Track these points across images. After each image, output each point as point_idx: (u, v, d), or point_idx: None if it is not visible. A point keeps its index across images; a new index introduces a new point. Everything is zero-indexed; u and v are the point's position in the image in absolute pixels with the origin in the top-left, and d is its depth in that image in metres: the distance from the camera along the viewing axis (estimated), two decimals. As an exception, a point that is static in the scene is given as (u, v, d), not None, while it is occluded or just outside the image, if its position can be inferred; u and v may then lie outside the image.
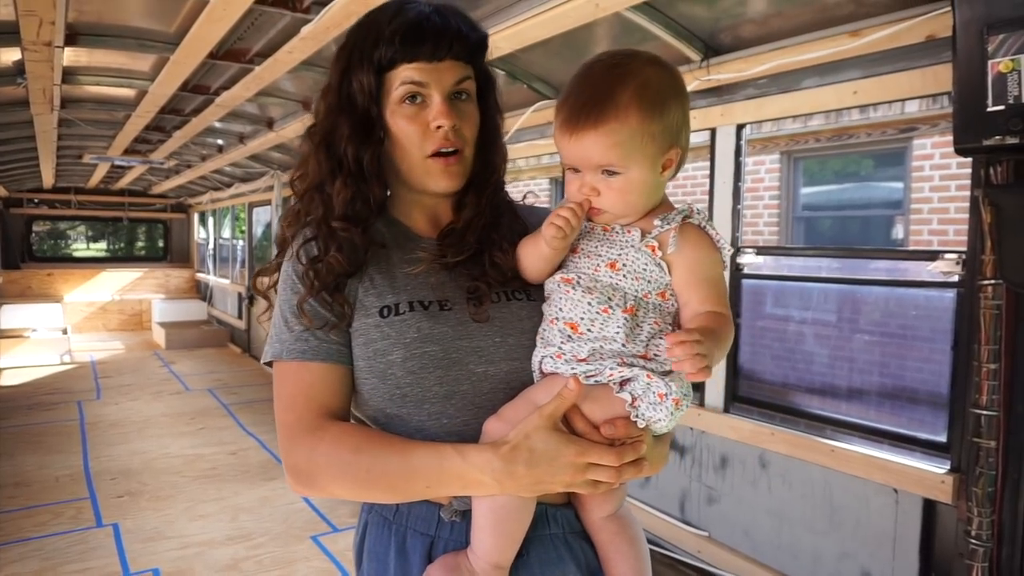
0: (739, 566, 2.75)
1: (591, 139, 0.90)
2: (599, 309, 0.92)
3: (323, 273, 0.98)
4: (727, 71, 2.67)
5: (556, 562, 0.98)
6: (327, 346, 0.98)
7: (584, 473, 0.88)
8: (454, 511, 0.96)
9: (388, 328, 0.97)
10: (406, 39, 0.97)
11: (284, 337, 1.00)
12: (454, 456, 0.90)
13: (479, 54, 1.04)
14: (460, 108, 1.00)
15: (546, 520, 0.99)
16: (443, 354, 0.97)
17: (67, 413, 5.82)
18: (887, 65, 2.27)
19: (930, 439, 2.27)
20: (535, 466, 0.87)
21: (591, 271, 0.95)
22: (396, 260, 1.03)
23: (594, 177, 0.93)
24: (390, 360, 0.97)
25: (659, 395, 0.90)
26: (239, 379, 7.29)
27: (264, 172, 7.22)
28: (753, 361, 3.13)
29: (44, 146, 5.85)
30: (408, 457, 0.92)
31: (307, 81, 4.00)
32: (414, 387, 0.96)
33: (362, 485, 0.94)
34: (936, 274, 2.17)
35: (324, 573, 3.07)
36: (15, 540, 3.36)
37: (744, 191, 2.83)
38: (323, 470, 0.94)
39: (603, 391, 0.91)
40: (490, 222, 1.06)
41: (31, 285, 10.34)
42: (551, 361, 0.95)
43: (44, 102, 3.94)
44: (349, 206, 1.00)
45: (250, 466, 4.49)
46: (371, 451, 0.92)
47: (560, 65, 3.18)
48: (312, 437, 0.95)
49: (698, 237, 0.95)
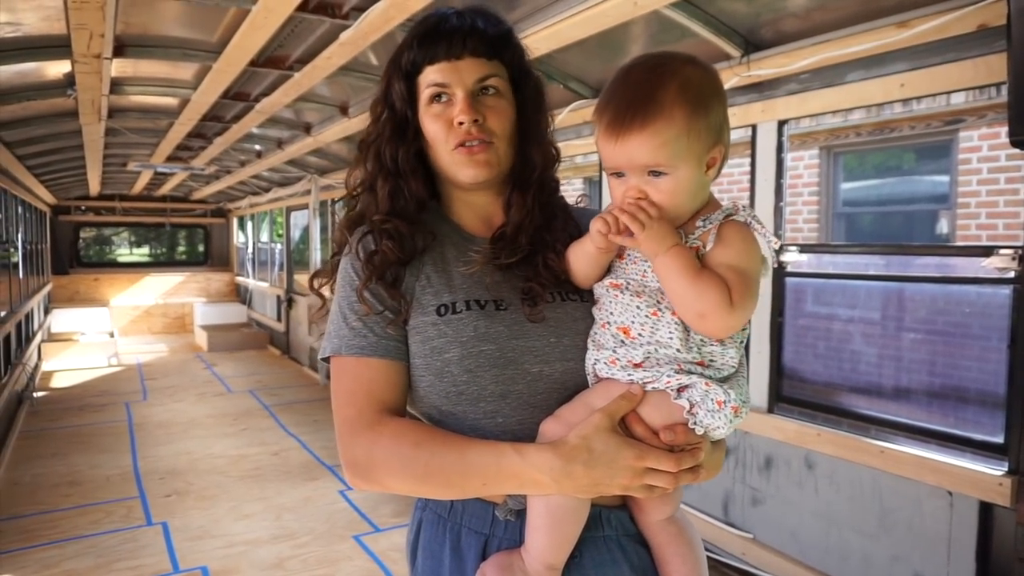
0: (785, 569, 2.71)
1: (637, 141, 0.89)
2: (648, 312, 0.92)
3: (379, 264, 1.01)
4: (768, 66, 2.63)
5: (610, 564, 0.98)
6: (385, 342, 1.00)
7: (642, 477, 0.89)
8: (509, 510, 0.97)
9: (445, 326, 0.99)
10: (423, 42, 1.02)
11: (343, 333, 1.02)
12: (512, 454, 0.90)
13: (503, 49, 1.04)
14: (486, 103, 1.02)
15: (600, 522, 0.98)
16: (499, 353, 0.98)
17: (115, 414, 5.99)
18: (936, 56, 2.21)
19: (986, 440, 2.20)
20: (594, 467, 0.87)
21: (639, 276, 0.96)
22: (451, 259, 1.05)
23: (640, 179, 0.91)
24: (447, 358, 0.98)
25: (718, 402, 0.89)
26: (279, 381, 7.42)
27: (301, 176, 7.33)
28: (797, 360, 3.07)
29: (91, 155, 6.03)
30: (466, 454, 0.93)
31: (344, 86, 4.06)
32: (470, 385, 0.98)
33: (420, 480, 0.95)
34: (991, 270, 2.10)
35: (367, 572, 3.11)
36: (72, 537, 3.47)
37: (786, 188, 2.78)
38: (382, 464, 0.96)
39: (661, 397, 0.91)
40: (541, 224, 1.07)
41: (79, 290, 10.67)
42: (606, 367, 0.96)
43: (92, 112, 4.06)
44: (391, 202, 1.05)
45: (292, 466, 4.57)
46: (430, 447, 0.94)
47: (596, 64, 3.17)
48: (372, 432, 0.96)
49: (736, 231, 0.92)
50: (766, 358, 2.80)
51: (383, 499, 3.91)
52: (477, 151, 1.01)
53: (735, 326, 0.91)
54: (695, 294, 0.88)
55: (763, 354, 2.81)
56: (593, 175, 3.62)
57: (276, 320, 9.32)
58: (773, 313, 2.78)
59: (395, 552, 3.28)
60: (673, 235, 0.90)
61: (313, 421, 5.68)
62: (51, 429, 5.51)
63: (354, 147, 6.07)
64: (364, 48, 2.98)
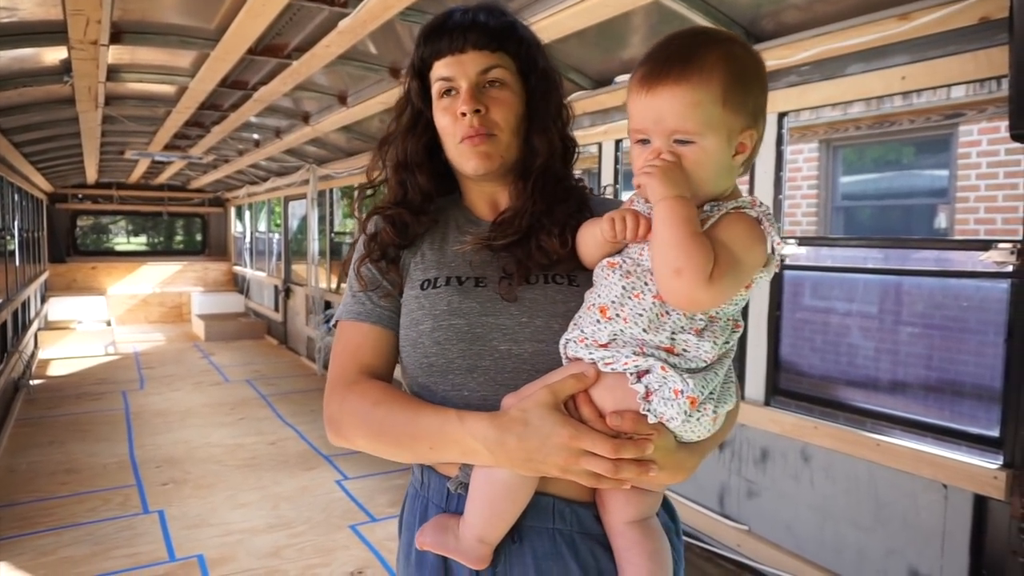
0: (780, 560, 2.72)
1: (669, 96, 0.84)
2: (631, 293, 0.89)
3: (379, 244, 1.10)
4: (769, 58, 2.60)
5: (553, 557, 0.95)
6: (378, 310, 1.08)
7: (578, 460, 0.86)
8: (459, 483, 0.98)
9: (424, 300, 1.05)
10: (430, 37, 1.06)
11: (347, 301, 1.11)
12: (455, 420, 0.92)
13: (506, 40, 1.05)
14: (490, 95, 1.04)
15: (552, 513, 0.96)
16: (467, 328, 1.01)
17: (113, 402, 5.99)
18: (937, 49, 2.20)
19: (982, 434, 2.21)
20: (526, 440, 0.87)
21: (636, 255, 0.93)
22: (450, 239, 1.11)
23: (665, 144, 0.86)
24: (421, 329, 1.04)
25: (675, 391, 0.85)
26: (277, 370, 7.41)
27: (300, 166, 7.31)
28: (795, 353, 3.08)
29: (88, 142, 6.00)
30: (416, 416, 0.96)
31: (343, 75, 4.03)
32: (439, 357, 1.01)
33: (376, 438, 1.00)
34: (989, 264, 2.10)
35: (363, 562, 3.12)
36: (68, 525, 3.47)
37: (785, 181, 2.78)
38: (347, 419, 1.01)
39: (617, 380, 0.88)
40: (543, 208, 1.07)
41: (76, 278, 10.65)
42: (574, 345, 0.93)
43: (89, 99, 4.04)
44: (400, 192, 1.12)
45: (289, 456, 4.57)
46: (387, 406, 0.99)
47: (596, 55, 3.15)
48: (345, 389, 1.03)
49: (742, 221, 0.88)
50: (763, 351, 2.81)
51: (379, 489, 3.92)
52: (479, 143, 1.03)
53: (703, 301, 0.85)
54: (681, 248, 0.82)
55: (760, 347, 2.81)
56: (592, 167, 3.61)
57: (273, 310, 9.32)
58: (771, 306, 2.78)
59: (391, 542, 3.28)
60: (686, 185, 0.85)
61: (310, 411, 5.68)
62: (48, 417, 5.50)
63: (353, 136, 6.07)
64: (363, 36, 2.97)
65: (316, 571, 3.03)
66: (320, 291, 7.32)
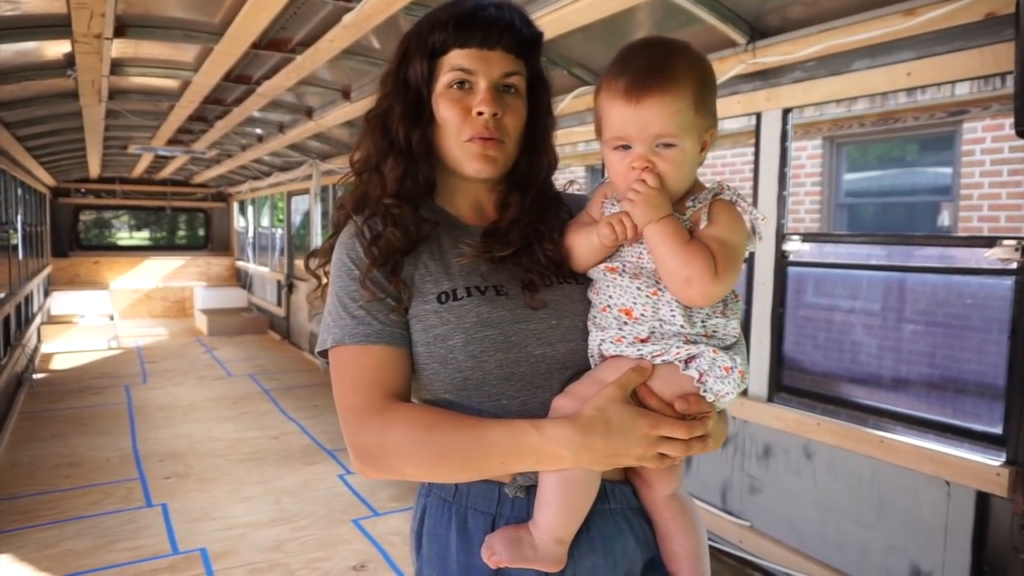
0: (782, 557, 2.72)
1: (656, 106, 0.91)
2: (648, 292, 0.95)
3: (382, 250, 1.00)
4: (774, 54, 2.61)
5: (616, 536, 1.00)
6: (390, 329, 1.00)
7: (656, 446, 0.91)
8: (519, 487, 0.98)
9: (447, 314, 0.99)
10: (460, 25, 1.00)
11: (345, 323, 1.00)
12: (530, 431, 0.91)
13: (531, 51, 1.05)
14: (505, 100, 1.02)
15: (606, 495, 1.00)
16: (503, 337, 0.99)
17: (115, 397, 6.00)
18: (942, 45, 2.20)
19: (985, 431, 2.21)
20: (611, 438, 0.89)
21: (635, 259, 0.98)
22: (447, 248, 1.05)
23: (648, 150, 0.93)
24: (451, 345, 0.98)
25: (725, 368, 0.93)
26: (279, 365, 7.43)
27: (303, 161, 7.31)
28: (798, 350, 3.08)
29: (91, 137, 6.00)
30: (482, 434, 0.93)
31: (346, 70, 4.03)
32: (475, 371, 0.98)
33: (435, 464, 0.94)
34: (993, 261, 2.10)
35: (365, 556, 3.12)
36: (71, 518, 3.48)
37: (789, 177, 2.77)
38: (394, 450, 0.94)
39: (669, 369, 0.94)
40: (535, 217, 1.07)
41: (79, 273, 10.66)
42: (612, 345, 0.97)
43: (93, 93, 4.04)
44: (401, 184, 1.04)
45: (292, 450, 4.58)
46: (444, 429, 0.93)
47: (601, 50, 3.15)
48: (382, 417, 0.95)
49: (724, 209, 0.96)
50: (767, 347, 2.81)
51: (382, 484, 3.93)
52: (490, 147, 1.01)
53: (717, 294, 0.93)
54: (683, 260, 0.91)
55: (764, 343, 2.81)
56: (595, 163, 3.60)
57: (276, 305, 9.33)
58: (774, 303, 2.78)
59: (393, 536, 3.29)
60: (667, 206, 0.93)
61: (313, 406, 5.69)
62: (51, 411, 5.51)
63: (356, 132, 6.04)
64: (367, 31, 2.97)
65: (319, 565, 3.04)
66: (323, 286, 7.31)
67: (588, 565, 0.98)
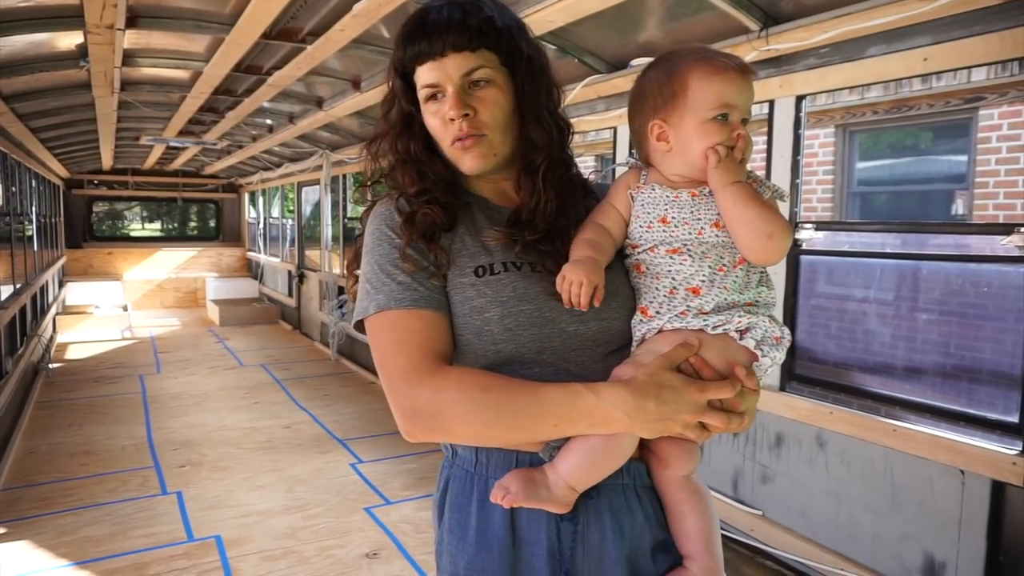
0: (795, 545, 2.72)
1: (751, 87, 1.02)
2: (716, 269, 1.00)
3: (420, 223, 1.04)
4: (787, 40, 2.58)
5: (626, 511, 1.03)
6: (434, 295, 1.02)
7: (702, 414, 0.94)
8: (553, 448, 1.00)
9: (484, 287, 1.02)
10: (408, 42, 1.04)
11: (390, 288, 1.01)
12: (586, 393, 0.93)
13: (487, 37, 1.02)
14: (477, 96, 1.03)
15: (620, 470, 1.02)
16: (537, 312, 1.01)
17: (130, 386, 6.06)
18: (960, 29, 2.16)
19: (1000, 420, 2.19)
20: (664, 402, 0.93)
21: (695, 235, 1.01)
22: (482, 225, 1.09)
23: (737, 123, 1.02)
24: (487, 317, 1.01)
25: (775, 338, 1.00)
26: (291, 355, 7.47)
27: (313, 152, 7.31)
28: (810, 339, 3.06)
29: (104, 128, 6.03)
30: (539, 395, 0.94)
31: (356, 60, 4.02)
32: (508, 344, 1.01)
33: (489, 424, 0.94)
34: (1010, 248, 2.08)
35: (378, 544, 3.15)
36: (89, 505, 3.53)
37: (802, 165, 2.75)
38: (448, 410, 0.94)
39: (722, 341, 0.99)
40: (557, 206, 1.08)
41: (92, 263, 10.75)
42: (677, 319, 1.01)
43: (105, 84, 4.06)
44: (422, 179, 1.08)
45: (304, 439, 4.61)
46: (500, 390, 0.94)
47: (612, 38, 3.12)
48: (435, 378, 0.95)
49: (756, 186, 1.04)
50: (779, 336, 2.79)
51: (393, 472, 3.95)
52: (470, 145, 1.04)
53: (786, 251, 1.01)
54: (766, 216, 0.98)
55: (776, 332, 2.79)
56: (606, 152, 3.58)
57: (287, 295, 9.37)
58: (787, 292, 2.76)
59: (405, 524, 3.32)
60: (743, 173, 1.01)
61: (324, 395, 5.72)
62: (66, 400, 5.58)
63: (366, 122, 6.03)
64: (377, 20, 2.95)
65: (332, 552, 3.07)
66: (333, 277, 7.35)
67: (596, 538, 1.01)
